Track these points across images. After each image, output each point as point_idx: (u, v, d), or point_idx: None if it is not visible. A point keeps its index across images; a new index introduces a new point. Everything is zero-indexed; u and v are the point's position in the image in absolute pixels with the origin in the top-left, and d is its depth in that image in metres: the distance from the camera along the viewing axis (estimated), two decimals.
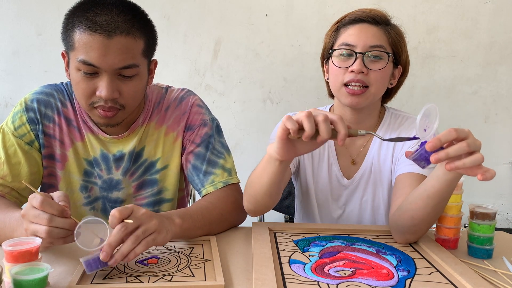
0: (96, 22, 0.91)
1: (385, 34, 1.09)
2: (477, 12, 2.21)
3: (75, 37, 0.93)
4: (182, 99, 1.15)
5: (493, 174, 0.74)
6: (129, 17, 0.94)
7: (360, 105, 1.09)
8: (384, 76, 1.09)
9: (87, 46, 0.91)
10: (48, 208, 0.76)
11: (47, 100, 1.09)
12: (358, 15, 1.10)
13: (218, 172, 1.10)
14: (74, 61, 0.94)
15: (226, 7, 2.28)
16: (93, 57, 0.91)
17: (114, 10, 0.93)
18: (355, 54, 1.07)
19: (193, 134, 1.13)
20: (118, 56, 0.93)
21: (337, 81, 1.10)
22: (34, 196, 0.78)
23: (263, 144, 1.43)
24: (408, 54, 1.16)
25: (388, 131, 1.18)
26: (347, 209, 1.22)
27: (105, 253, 0.73)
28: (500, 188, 2.32)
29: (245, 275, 0.79)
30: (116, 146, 1.10)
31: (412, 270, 0.82)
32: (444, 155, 0.74)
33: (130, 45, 0.94)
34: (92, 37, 0.91)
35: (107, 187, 1.13)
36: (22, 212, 0.78)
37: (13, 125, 1.06)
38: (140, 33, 0.96)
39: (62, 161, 1.10)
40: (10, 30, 2.30)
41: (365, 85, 1.07)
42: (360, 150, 1.19)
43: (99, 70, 0.93)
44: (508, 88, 2.25)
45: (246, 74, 2.33)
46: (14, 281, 0.62)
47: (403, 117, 1.19)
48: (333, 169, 1.20)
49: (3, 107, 2.37)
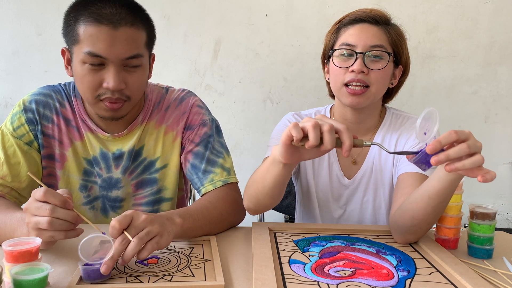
0: (101, 14, 0.93)
1: (385, 34, 1.09)
2: (477, 12, 2.21)
3: (80, 30, 0.94)
4: (183, 100, 1.16)
5: (493, 176, 0.73)
6: (131, 9, 0.97)
7: (361, 105, 1.09)
8: (384, 76, 1.09)
9: (94, 37, 0.93)
10: (51, 198, 0.76)
11: (45, 101, 1.09)
12: (358, 15, 1.10)
13: (217, 171, 1.11)
14: (79, 54, 0.95)
15: (226, 7, 2.28)
16: (101, 48, 0.93)
17: (117, 2, 0.95)
18: (355, 54, 1.06)
19: (193, 134, 1.13)
20: (124, 47, 0.95)
21: (338, 81, 1.10)
22: (38, 189, 0.79)
23: (263, 144, 1.42)
24: (408, 54, 1.16)
25: (389, 131, 1.18)
26: (348, 209, 1.22)
27: (107, 266, 0.73)
28: (500, 188, 2.32)
29: (245, 275, 0.79)
30: (115, 145, 1.11)
31: (412, 270, 0.82)
32: (445, 157, 0.73)
33: (135, 36, 0.97)
34: (98, 28, 0.93)
35: (106, 186, 1.13)
36: (25, 206, 0.79)
37: (12, 126, 1.07)
38: (143, 25, 0.99)
39: (61, 161, 1.11)
40: (10, 30, 2.30)
41: (366, 85, 1.07)
42: (361, 150, 1.19)
43: (106, 61, 0.95)
44: (508, 88, 2.25)
45: (246, 74, 2.33)
46: (14, 281, 0.62)
47: (404, 117, 1.19)
48: (334, 169, 1.20)
49: (3, 107, 2.37)
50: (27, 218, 0.78)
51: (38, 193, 0.78)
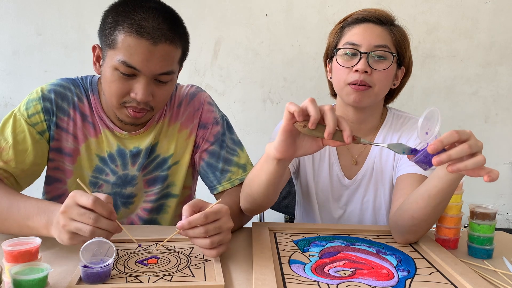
0: (143, 26, 0.92)
1: (389, 34, 1.09)
2: (477, 12, 2.21)
3: (119, 37, 0.93)
4: (194, 95, 1.17)
5: (497, 174, 0.73)
6: (172, 25, 0.96)
7: (363, 104, 1.09)
8: (387, 77, 1.09)
9: (132, 49, 0.92)
10: (99, 208, 0.75)
11: (64, 93, 1.09)
12: (363, 14, 1.10)
13: (234, 169, 1.14)
14: (113, 59, 0.94)
15: (226, 7, 2.28)
16: (137, 60, 0.93)
17: (160, 16, 0.94)
18: (359, 54, 1.06)
19: (207, 132, 1.16)
20: (160, 63, 0.95)
21: (341, 80, 1.09)
22: (83, 194, 0.77)
23: (263, 144, 1.42)
24: (411, 55, 1.16)
25: (390, 132, 1.18)
26: (348, 209, 1.22)
27: (181, 225, 0.78)
28: (500, 188, 2.32)
29: (245, 275, 0.79)
30: (132, 142, 1.12)
31: (412, 270, 0.82)
32: (446, 157, 0.73)
33: (171, 53, 0.96)
34: (138, 41, 0.92)
35: (121, 183, 1.14)
36: (63, 209, 0.77)
37: (27, 112, 1.05)
38: (180, 41, 0.99)
39: (74, 155, 1.10)
40: (10, 30, 2.30)
41: (369, 85, 1.07)
42: (362, 150, 1.19)
43: (139, 73, 0.95)
44: (508, 88, 2.25)
45: (246, 74, 2.33)
46: (14, 281, 0.62)
47: (405, 118, 1.19)
48: (334, 169, 1.20)
49: (3, 107, 2.37)
50: (64, 220, 0.76)
51: (84, 200, 0.76)
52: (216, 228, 0.80)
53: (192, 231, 0.79)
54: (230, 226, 0.83)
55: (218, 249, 0.81)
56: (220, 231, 0.81)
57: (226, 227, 0.82)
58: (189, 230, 0.80)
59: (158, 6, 0.96)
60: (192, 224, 0.78)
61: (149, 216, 1.17)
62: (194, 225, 0.79)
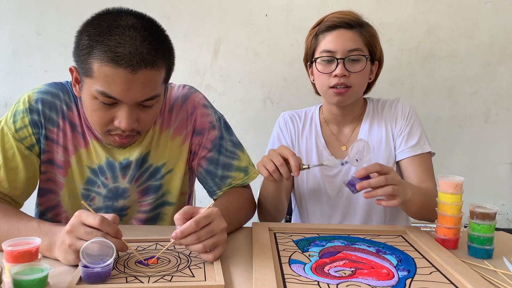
0: (119, 54, 0.83)
1: (360, 37, 1.20)
2: (477, 12, 2.20)
3: (94, 66, 0.85)
4: (186, 98, 1.11)
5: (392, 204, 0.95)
6: (152, 46, 0.87)
7: (346, 103, 1.24)
8: (364, 75, 1.22)
9: (109, 79, 0.85)
10: (105, 227, 0.75)
11: (53, 102, 1.03)
12: (333, 21, 1.21)
13: (234, 174, 1.12)
14: (91, 89, 0.88)
15: (226, 7, 2.27)
16: (116, 90, 0.86)
17: (138, 38, 0.85)
18: (336, 60, 1.18)
19: (203, 139, 1.10)
20: (141, 90, 0.88)
21: (323, 85, 1.22)
22: (90, 214, 0.76)
23: (263, 144, 1.44)
24: (381, 49, 1.27)
25: (374, 119, 1.29)
26: (342, 191, 1.28)
27: (175, 235, 0.79)
28: (500, 188, 2.31)
29: (245, 275, 0.79)
30: (122, 154, 1.06)
31: (412, 269, 0.82)
32: (367, 184, 0.92)
33: (153, 77, 0.89)
34: (115, 70, 0.84)
35: (112, 196, 1.09)
36: (68, 228, 0.76)
37: (14, 125, 1.00)
38: (163, 61, 0.91)
39: (65, 168, 1.06)
40: (10, 30, 2.29)
41: (348, 85, 1.18)
42: (349, 136, 1.30)
43: (120, 102, 0.89)
44: (508, 88, 2.24)
45: (246, 74, 2.33)
46: (14, 281, 0.62)
47: (383, 101, 1.32)
48: (324, 155, 1.29)
49: (3, 107, 2.37)
50: (70, 240, 0.76)
51: (90, 219, 0.75)
52: (208, 232, 0.80)
53: (185, 240, 0.79)
54: (223, 227, 0.82)
55: (214, 252, 0.81)
56: (213, 233, 0.81)
57: (219, 228, 0.81)
58: (182, 239, 0.79)
59: (135, 22, 0.87)
60: (185, 233, 0.78)
61: (144, 225, 1.14)
62: (187, 234, 0.78)
